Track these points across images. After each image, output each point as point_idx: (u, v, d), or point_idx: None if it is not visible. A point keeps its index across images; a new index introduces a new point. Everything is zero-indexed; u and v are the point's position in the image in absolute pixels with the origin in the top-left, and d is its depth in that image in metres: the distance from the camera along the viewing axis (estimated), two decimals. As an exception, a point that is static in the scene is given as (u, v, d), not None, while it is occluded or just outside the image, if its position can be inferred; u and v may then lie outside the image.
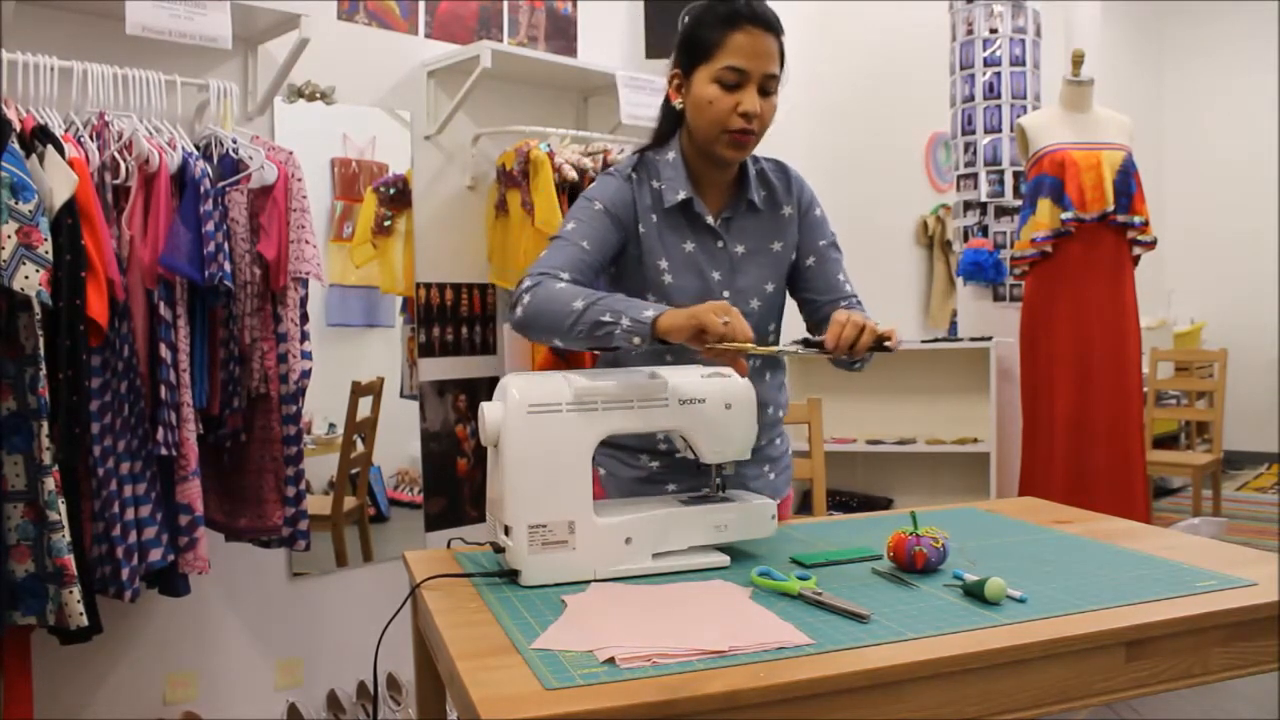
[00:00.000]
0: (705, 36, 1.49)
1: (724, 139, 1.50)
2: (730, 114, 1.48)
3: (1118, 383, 3.32)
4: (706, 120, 1.50)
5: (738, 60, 1.47)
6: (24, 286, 1.70)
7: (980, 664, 1.03)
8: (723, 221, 1.59)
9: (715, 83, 1.48)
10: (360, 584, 2.66)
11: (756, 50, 1.47)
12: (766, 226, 1.62)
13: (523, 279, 1.47)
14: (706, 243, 1.58)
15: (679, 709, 0.91)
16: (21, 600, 1.80)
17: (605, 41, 3.19)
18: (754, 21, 1.47)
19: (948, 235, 5.36)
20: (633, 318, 1.34)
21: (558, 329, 1.40)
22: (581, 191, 1.54)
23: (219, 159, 2.14)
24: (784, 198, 1.64)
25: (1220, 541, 1.50)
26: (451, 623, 1.14)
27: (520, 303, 1.44)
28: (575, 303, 1.38)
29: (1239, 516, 5.05)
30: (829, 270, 1.66)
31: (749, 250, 1.60)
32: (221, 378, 2.10)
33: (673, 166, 1.57)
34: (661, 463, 1.61)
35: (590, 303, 1.37)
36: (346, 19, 2.63)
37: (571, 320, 1.37)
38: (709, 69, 1.49)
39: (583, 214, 1.55)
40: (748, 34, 1.46)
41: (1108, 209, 3.29)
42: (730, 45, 1.47)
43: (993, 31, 3.83)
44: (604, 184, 1.58)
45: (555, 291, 1.41)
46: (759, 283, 1.61)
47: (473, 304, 2.88)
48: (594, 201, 1.56)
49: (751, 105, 1.48)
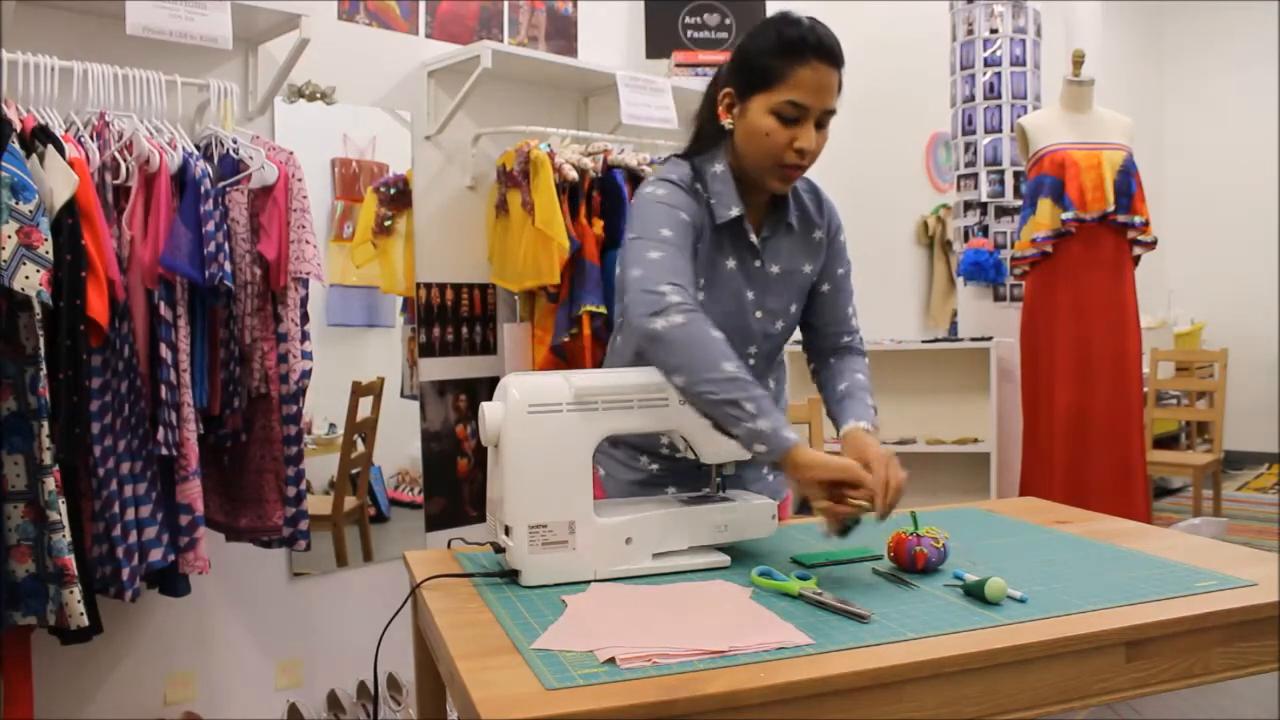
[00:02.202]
0: (767, 65, 1.41)
1: (776, 172, 1.45)
2: (786, 149, 1.42)
3: (1118, 383, 3.32)
4: (760, 151, 1.44)
5: (800, 96, 1.40)
6: (24, 286, 1.70)
7: (980, 664, 1.03)
8: (762, 241, 1.55)
9: (773, 114, 1.42)
10: (360, 584, 2.66)
11: (820, 86, 1.40)
12: (799, 248, 1.59)
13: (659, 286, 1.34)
14: (747, 261, 1.54)
15: (679, 709, 0.91)
16: (22, 600, 1.80)
17: (605, 41, 3.19)
18: (820, 55, 1.40)
19: (948, 235, 5.36)
20: (773, 426, 1.26)
21: (689, 373, 1.30)
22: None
23: (219, 159, 2.14)
24: (817, 220, 1.61)
25: (1220, 541, 1.50)
26: (452, 623, 1.14)
27: (666, 316, 1.31)
28: (726, 365, 1.29)
29: (1239, 516, 5.05)
30: (841, 301, 1.65)
31: (782, 271, 1.57)
32: (222, 378, 2.10)
33: (722, 180, 1.50)
34: (662, 465, 1.61)
35: (739, 378, 1.28)
36: (347, 19, 2.63)
37: (711, 379, 1.28)
38: (768, 99, 1.42)
39: (673, 221, 1.44)
40: (813, 69, 1.39)
41: (1108, 209, 3.29)
42: (794, 79, 1.40)
43: (993, 31, 3.83)
44: (676, 194, 1.48)
45: (709, 339, 1.31)
46: (786, 304, 1.59)
47: (473, 304, 2.88)
48: (678, 210, 1.45)
49: (808, 143, 1.42)
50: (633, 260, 1.41)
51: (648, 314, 1.33)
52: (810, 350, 1.70)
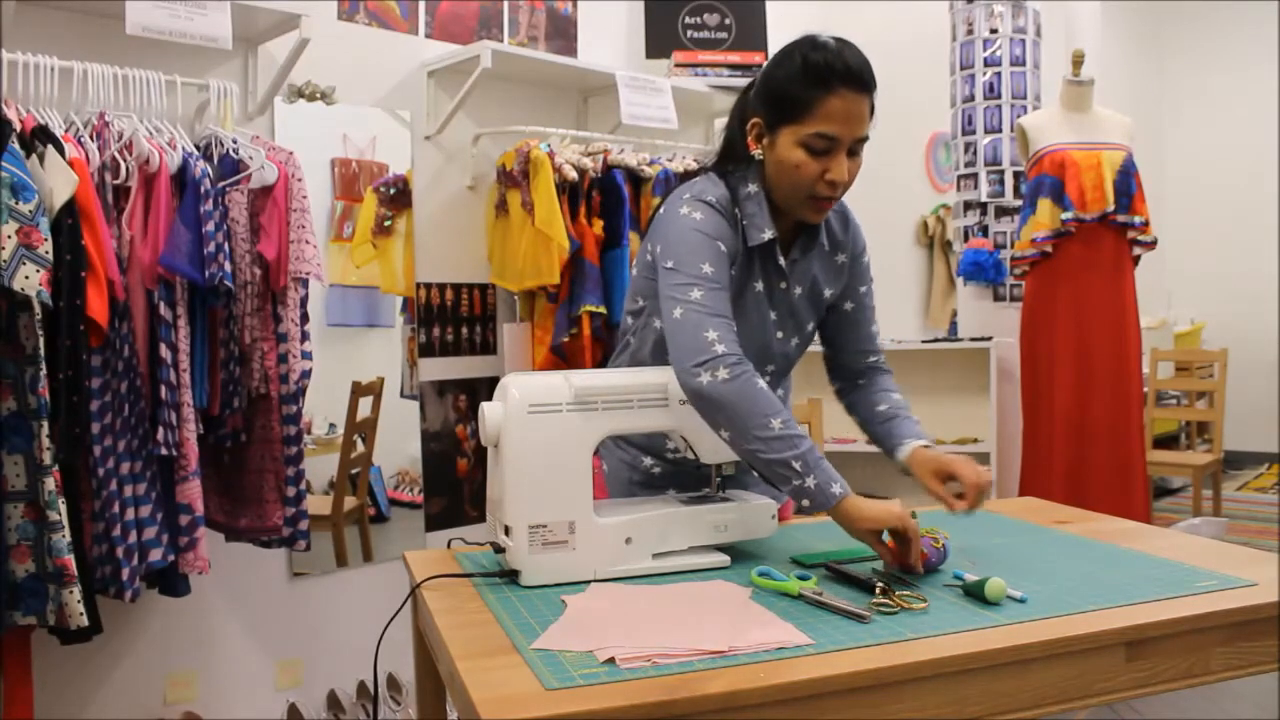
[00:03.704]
0: (796, 95, 1.37)
1: (809, 204, 1.42)
2: (816, 181, 1.38)
3: (1118, 383, 3.32)
4: (790, 183, 1.41)
5: (829, 128, 1.36)
6: (24, 286, 1.70)
7: (980, 664, 1.03)
8: (790, 263, 1.53)
9: (803, 147, 1.37)
10: (360, 584, 2.66)
11: (849, 115, 1.36)
12: (824, 270, 1.58)
13: (706, 334, 1.33)
14: (774, 283, 1.52)
15: (679, 709, 0.91)
16: (22, 600, 1.80)
17: (605, 41, 3.19)
18: (849, 83, 1.35)
19: (948, 235, 5.36)
20: (818, 483, 1.27)
21: (739, 432, 1.30)
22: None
23: (219, 159, 2.14)
24: (841, 242, 1.59)
25: (1220, 541, 1.50)
26: (452, 623, 1.14)
27: (713, 371, 1.30)
28: (774, 422, 1.28)
29: (1239, 516, 5.05)
30: (864, 319, 1.63)
31: (805, 293, 1.56)
32: (222, 378, 2.10)
33: (755, 202, 1.46)
34: (664, 468, 1.61)
35: (786, 435, 1.28)
36: (346, 19, 2.63)
37: (760, 439, 1.28)
38: (796, 131, 1.38)
39: (712, 254, 1.40)
40: (842, 99, 1.35)
41: (1108, 209, 3.29)
42: (823, 111, 1.35)
43: (993, 31, 3.83)
44: (714, 220, 1.43)
45: (757, 394, 1.30)
46: (805, 323, 1.59)
47: (473, 304, 2.88)
48: (717, 243, 1.41)
49: (840, 175, 1.38)
50: (673, 297, 1.37)
51: (692, 365, 1.32)
52: (835, 370, 1.68)
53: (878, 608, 1.15)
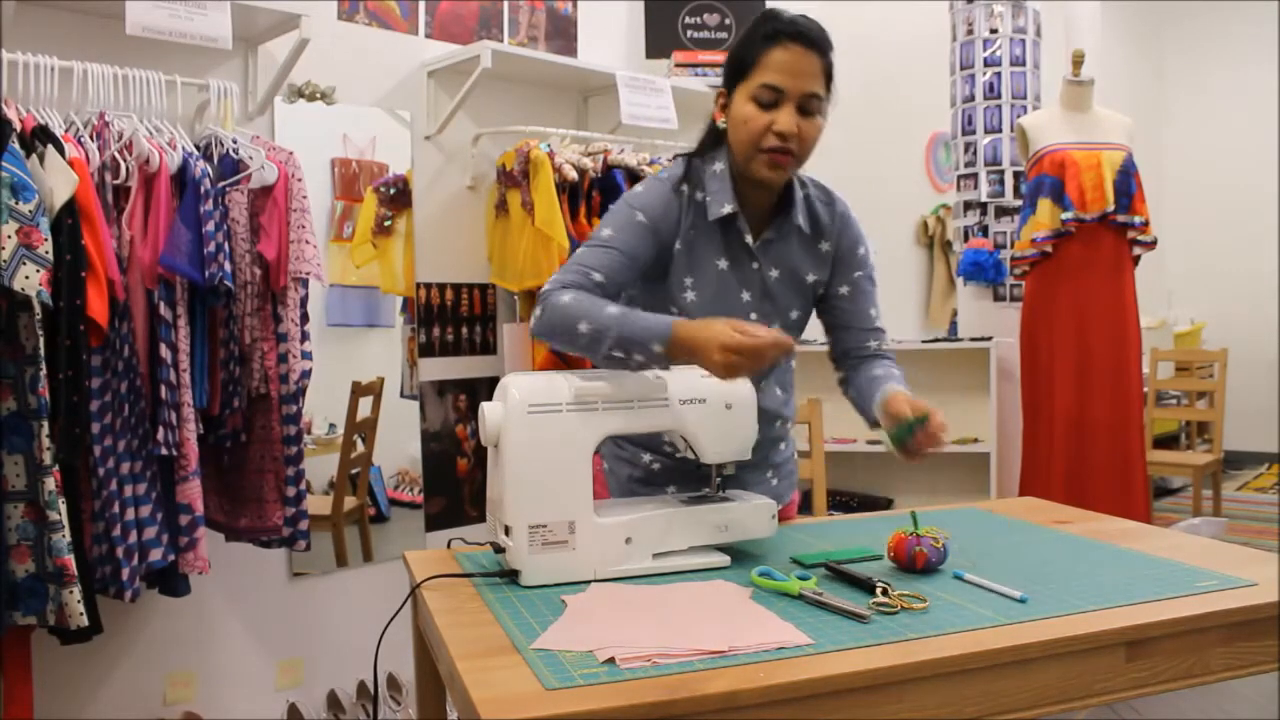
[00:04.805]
0: (745, 54, 1.46)
1: (760, 158, 1.46)
2: (764, 132, 1.44)
3: (1118, 383, 3.32)
4: (742, 139, 1.46)
5: (774, 78, 1.42)
6: (24, 286, 1.70)
7: (980, 664, 1.03)
8: (763, 243, 1.54)
9: (752, 101, 1.44)
10: (360, 584, 2.66)
11: (795, 68, 1.42)
12: (803, 255, 1.58)
13: (551, 283, 1.43)
14: (741, 262, 1.54)
15: (679, 709, 0.91)
16: (22, 600, 1.80)
17: (605, 41, 3.19)
18: (794, 38, 1.42)
19: (948, 235, 5.36)
20: (645, 357, 1.34)
21: (574, 348, 1.39)
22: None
23: (219, 159, 2.14)
24: (826, 232, 1.59)
25: (1220, 541, 1.50)
26: (451, 623, 1.14)
27: (537, 316, 1.41)
28: (580, 325, 1.36)
29: (1239, 516, 5.05)
30: (860, 302, 1.62)
31: (782, 275, 1.57)
32: (222, 378, 2.10)
33: (719, 179, 1.52)
34: (662, 464, 1.61)
35: (595, 332, 1.35)
36: (346, 19, 2.63)
37: (583, 346, 1.37)
38: (747, 87, 1.45)
39: (623, 221, 1.49)
40: (787, 50, 1.42)
41: (1108, 209, 3.29)
42: (768, 62, 1.43)
43: (993, 31, 3.83)
44: (650, 192, 1.52)
45: (561, 308, 1.38)
46: (786, 308, 1.58)
47: (473, 304, 2.88)
48: (636, 211, 1.49)
49: (787, 125, 1.43)
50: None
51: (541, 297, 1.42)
52: (836, 356, 1.66)
53: (878, 608, 1.15)
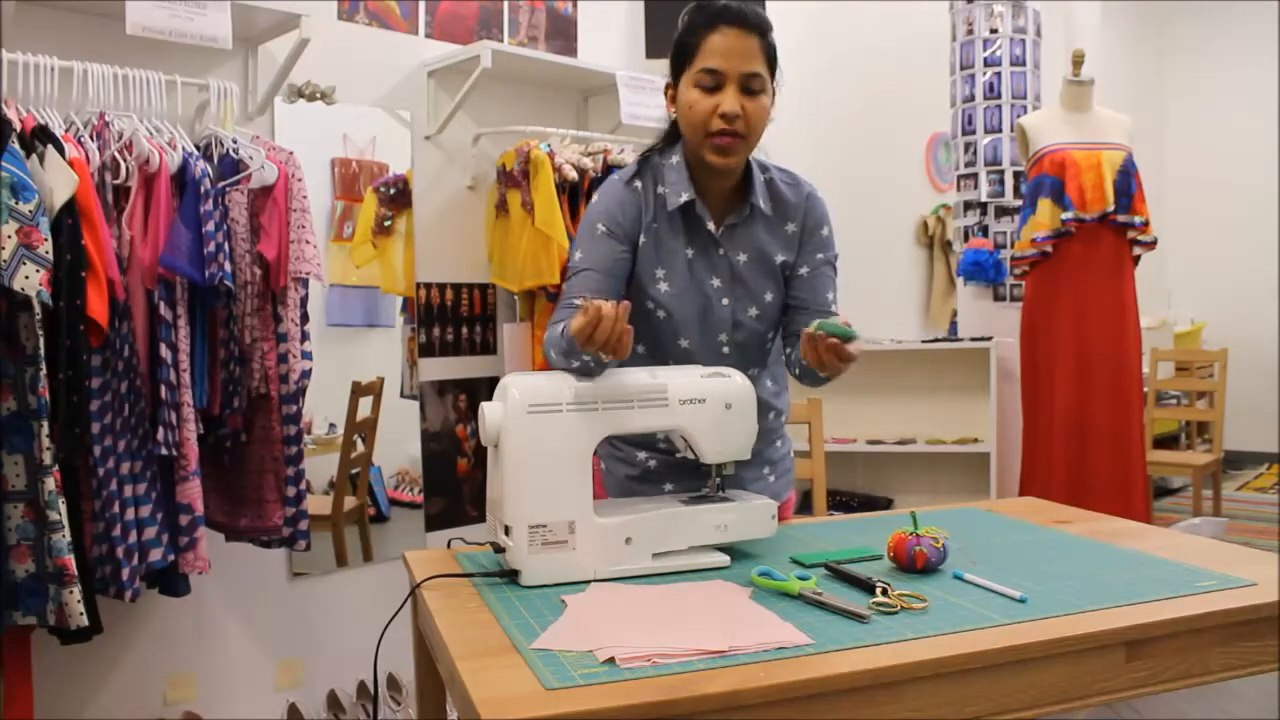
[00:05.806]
0: (685, 42, 1.49)
1: (708, 143, 1.47)
2: (710, 116, 1.46)
3: (1118, 383, 3.32)
4: (689, 125, 1.49)
5: (713, 62, 1.45)
6: (24, 286, 1.70)
7: (980, 664, 1.03)
8: (726, 229, 1.55)
9: (695, 87, 1.47)
10: (360, 584, 2.66)
11: (733, 50, 1.45)
12: (769, 238, 1.58)
13: (556, 315, 1.51)
14: (707, 249, 1.55)
15: (679, 709, 0.91)
16: (21, 600, 1.80)
17: (605, 41, 3.19)
18: (730, 21, 1.45)
19: (948, 235, 5.36)
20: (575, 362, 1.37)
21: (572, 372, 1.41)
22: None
23: (219, 159, 2.14)
24: (791, 213, 1.60)
25: (1220, 541, 1.50)
26: (451, 623, 1.14)
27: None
28: (552, 355, 1.44)
29: (1239, 516, 5.04)
30: (819, 285, 1.60)
31: (750, 259, 1.57)
32: (222, 378, 2.10)
33: (676, 170, 1.54)
34: (659, 461, 1.61)
35: (563, 355, 1.40)
36: (347, 19, 2.63)
37: (567, 367, 1.40)
38: (690, 74, 1.48)
39: (587, 238, 1.54)
40: (723, 34, 1.45)
41: (1108, 209, 3.29)
42: (706, 47, 1.46)
43: (993, 31, 3.83)
44: (606, 197, 1.56)
45: (545, 348, 1.47)
46: (759, 292, 1.58)
47: (473, 304, 2.88)
48: (596, 224, 1.54)
49: (730, 106, 1.45)
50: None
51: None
52: (786, 335, 1.64)
53: (878, 608, 1.15)
